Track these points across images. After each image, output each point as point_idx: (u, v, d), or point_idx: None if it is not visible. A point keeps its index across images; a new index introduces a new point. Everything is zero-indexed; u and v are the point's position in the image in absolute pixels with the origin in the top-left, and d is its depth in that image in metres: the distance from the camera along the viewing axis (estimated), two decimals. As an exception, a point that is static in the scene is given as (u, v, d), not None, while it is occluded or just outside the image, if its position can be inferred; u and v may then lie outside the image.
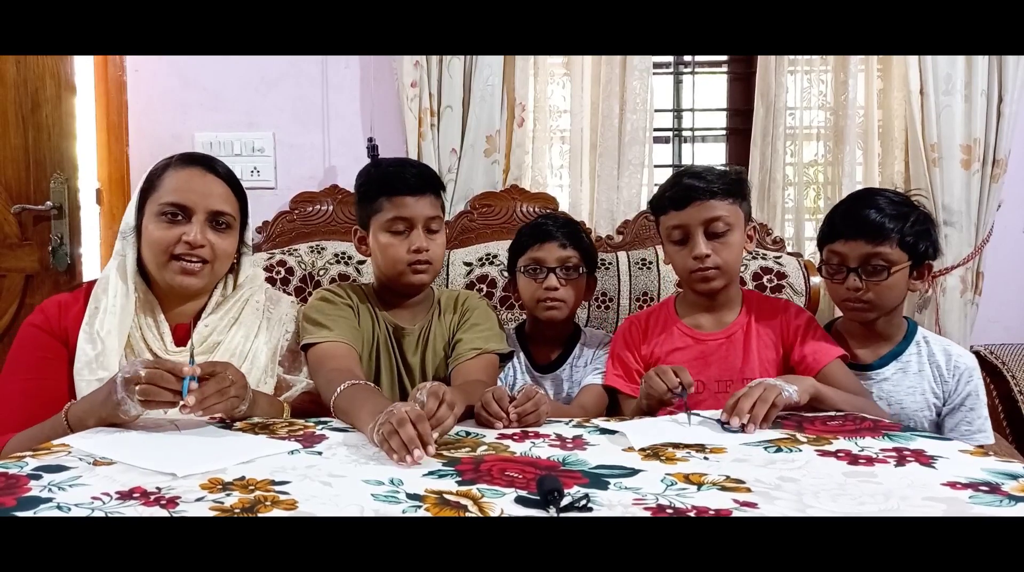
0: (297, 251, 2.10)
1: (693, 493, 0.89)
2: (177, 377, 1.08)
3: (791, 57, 2.30)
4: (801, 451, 1.07)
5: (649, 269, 2.05)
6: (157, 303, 1.35)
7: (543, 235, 1.63)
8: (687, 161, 2.54)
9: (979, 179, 2.24)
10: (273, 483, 0.90)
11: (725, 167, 2.36)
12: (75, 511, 0.80)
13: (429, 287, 1.63)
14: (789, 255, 2.12)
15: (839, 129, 2.32)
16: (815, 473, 0.97)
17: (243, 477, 0.92)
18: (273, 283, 1.98)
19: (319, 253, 2.09)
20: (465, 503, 0.85)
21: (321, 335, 1.43)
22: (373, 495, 0.87)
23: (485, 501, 0.85)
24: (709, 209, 1.47)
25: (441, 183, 1.57)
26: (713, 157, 2.60)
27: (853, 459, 1.03)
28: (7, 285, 2.26)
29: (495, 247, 2.10)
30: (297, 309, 1.53)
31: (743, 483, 0.92)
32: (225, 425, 1.18)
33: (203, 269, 1.32)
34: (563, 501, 0.82)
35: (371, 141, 2.27)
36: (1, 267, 2.26)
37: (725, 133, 2.55)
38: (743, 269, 1.99)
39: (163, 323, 1.34)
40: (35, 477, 0.90)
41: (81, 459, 0.98)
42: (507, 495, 0.87)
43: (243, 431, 1.15)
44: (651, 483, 0.93)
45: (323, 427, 1.20)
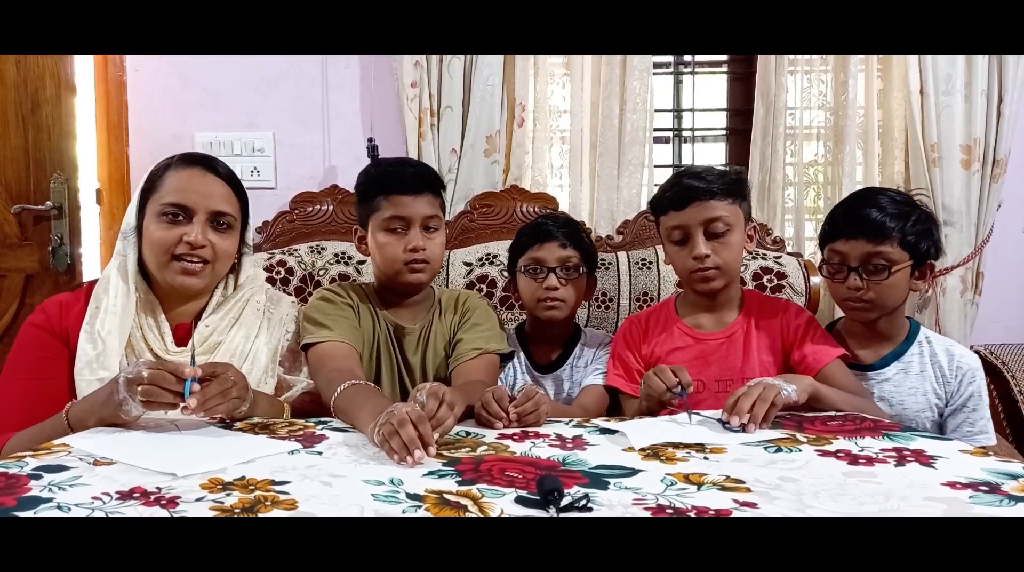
0: (297, 251, 2.11)
1: (693, 493, 0.89)
2: (178, 378, 1.09)
3: (791, 57, 2.30)
4: (801, 451, 1.07)
5: (649, 269, 2.06)
6: (158, 303, 1.35)
7: (543, 235, 1.63)
8: (687, 161, 2.54)
9: (979, 179, 2.24)
10: (273, 483, 0.90)
11: (725, 167, 2.36)
12: (75, 511, 0.80)
13: (430, 287, 1.63)
14: (789, 255, 2.12)
15: (839, 129, 2.32)
16: (815, 473, 0.97)
17: (243, 477, 0.92)
18: (273, 283, 1.98)
19: (319, 253, 2.10)
20: (465, 503, 0.85)
21: (321, 335, 1.43)
22: (373, 495, 0.87)
23: (485, 501, 0.85)
24: (709, 209, 1.47)
25: (441, 182, 1.56)
26: (713, 157, 2.60)
27: (853, 459, 1.03)
28: (7, 285, 2.26)
29: (495, 247, 2.10)
30: (298, 309, 1.53)
31: (743, 483, 0.92)
32: (225, 425, 1.18)
33: (204, 269, 1.32)
34: (563, 501, 0.82)
35: (371, 141, 2.27)
36: (1, 267, 2.26)
37: (725, 133, 2.55)
38: (743, 269, 1.99)
39: (164, 323, 1.34)
40: (35, 477, 0.90)
41: (81, 459, 0.98)
42: (507, 495, 0.87)
43: (243, 431, 1.16)
44: (651, 483, 0.93)
45: (323, 427, 1.20)
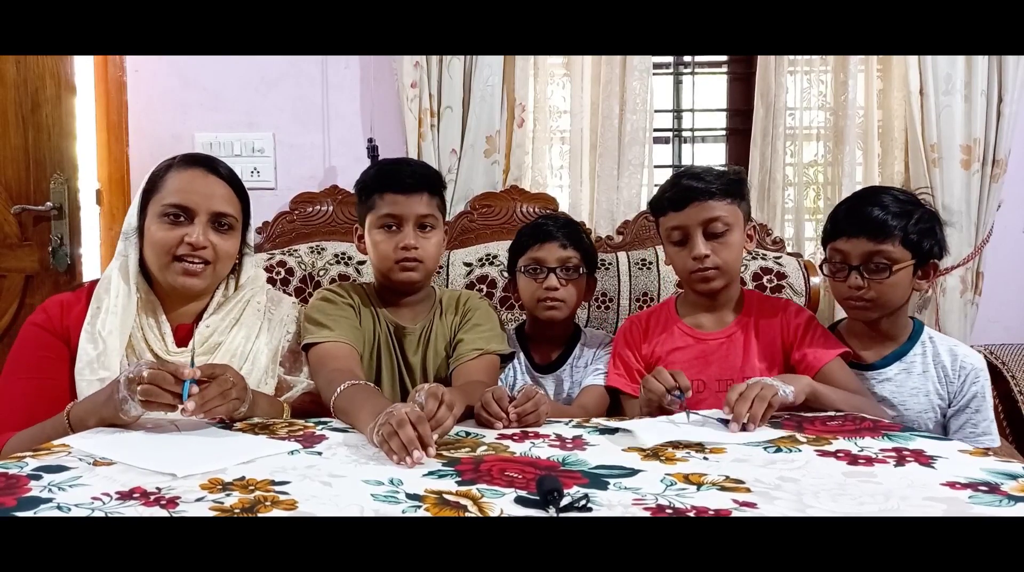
0: (297, 251, 2.11)
1: (693, 493, 0.89)
2: (177, 379, 1.09)
3: (791, 57, 2.30)
4: (801, 451, 1.07)
5: (649, 269, 2.05)
6: (159, 303, 1.35)
7: (543, 235, 1.63)
8: (687, 161, 2.54)
9: (979, 179, 2.24)
10: (273, 483, 0.90)
11: (724, 167, 2.36)
12: (75, 511, 0.80)
13: (431, 287, 1.63)
14: (789, 255, 2.12)
15: (839, 129, 2.32)
16: (815, 473, 0.97)
17: (243, 477, 0.92)
18: (273, 283, 1.98)
19: (319, 253, 2.10)
20: (465, 503, 0.85)
21: (322, 335, 1.43)
22: (373, 495, 0.87)
23: (485, 501, 0.85)
24: (708, 209, 1.47)
25: (440, 182, 1.56)
26: (713, 157, 2.60)
27: (853, 459, 1.03)
28: (7, 285, 2.26)
29: (495, 247, 2.10)
30: (298, 310, 1.53)
31: (743, 483, 0.92)
32: (225, 425, 1.18)
33: (205, 270, 1.32)
34: (563, 501, 0.82)
35: (371, 141, 2.27)
36: (1, 267, 2.26)
37: (725, 133, 2.55)
38: (743, 269, 1.99)
39: (164, 323, 1.34)
40: (35, 477, 0.90)
41: (81, 459, 0.98)
42: (507, 495, 0.87)
43: (243, 431, 1.16)
44: (651, 483, 0.93)
45: (323, 427, 1.20)
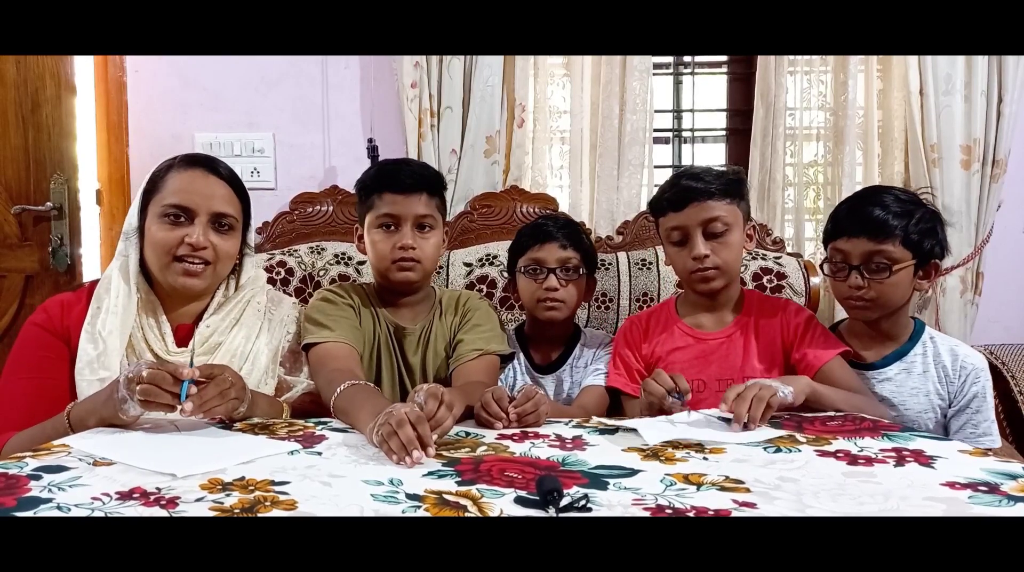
0: (297, 252, 2.11)
1: (692, 493, 0.89)
2: (176, 379, 1.09)
3: (791, 57, 2.30)
4: (800, 451, 1.07)
5: (649, 269, 2.06)
6: (159, 304, 1.35)
7: (543, 236, 1.63)
8: (687, 162, 2.54)
9: (979, 179, 2.24)
10: (273, 483, 0.90)
11: (723, 167, 2.36)
12: (75, 511, 0.80)
13: (431, 287, 1.63)
14: (789, 255, 2.12)
15: (839, 129, 2.32)
16: (815, 473, 0.97)
17: (243, 477, 0.92)
18: (273, 284, 1.98)
19: (319, 254, 2.10)
20: (464, 503, 0.85)
21: (322, 335, 1.43)
22: (373, 495, 0.87)
23: (484, 501, 0.85)
24: (707, 210, 1.47)
25: (440, 182, 1.56)
26: (713, 158, 2.60)
27: (852, 459, 1.03)
28: (7, 285, 2.26)
29: (495, 248, 2.10)
30: (298, 310, 1.53)
31: (742, 483, 0.92)
32: (225, 425, 1.18)
33: (205, 270, 1.32)
34: (562, 501, 0.82)
35: (371, 142, 2.27)
36: (1, 267, 2.26)
37: (725, 134, 2.55)
38: (743, 269, 1.99)
39: (165, 324, 1.34)
40: (35, 477, 0.90)
41: (81, 459, 0.98)
42: (506, 495, 0.87)
43: (243, 431, 1.16)
44: (650, 483, 0.93)
45: (323, 427, 1.20)
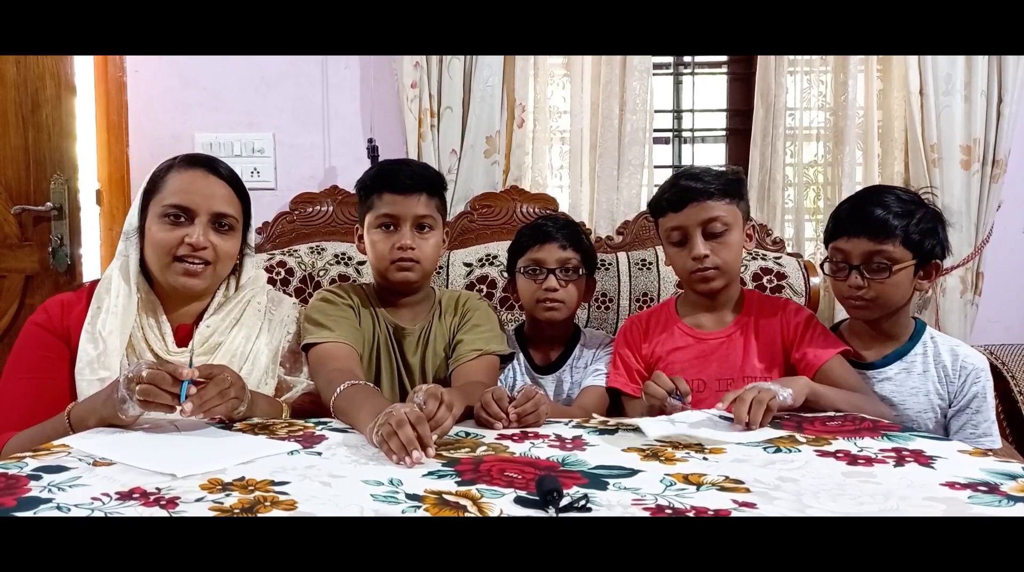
0: (297, 252, 2.11)
1: (692, 493, 0.89)
2: (175, 379, 1.09)
3: (791, 57, 2.30)
4: (800, 451, 1.07)
5: (649, 270, 2.06)
6: (159, 304, 1.35)
7: (543, 236, 1.62)
8: (687, 162, 2.54)
9: (979, 179, 2.24)
10: (273, 483, 0.90)
11: (722, 167, 2.36)
12: (75, 511, 0.80)
13: (430, 287, 1.63)
14: (789, 255, 2.12)
15: (839, 130, 2.32)
16: (814, 473, 0.97)
17: (243, 477, 0.92)
18: (273, 284, 1.98)
19: (319, 254, 2.09)
20: (464, 503, 0.85)
21: (322, 335, 1.43)
22: (372, 495, 0.87)
23: (484, 501, 0.85)
24: (706, 210, 1.47)
25: (439, 183, 1.56)
26: (713, 158, 2.60)
27: (852, 459, 1.03)
28: (7, 285, 2.26)
29: (495, 248, 2.10)
30: (299, 310, 1.53)
31: (742, 483, 0.92)
32: (225, 426, 1.18)
33: (205, 270, 1.32)
34: (562, 501, 0.82)
35: (371, 142, 2.27)
36: (1, 267, 2.26)
37: (725, 134, 2.55)
38: (743, 269, 1.99)
39: (165, 324, 1.34)
40: (35, 477, 0.90)
41: (81, 459, 0.98)
42: (506, 495, 0.87)
43: (243, 431, 1.16)
44: (650, 483, 0.93)
45: (323, 427, 1.20)
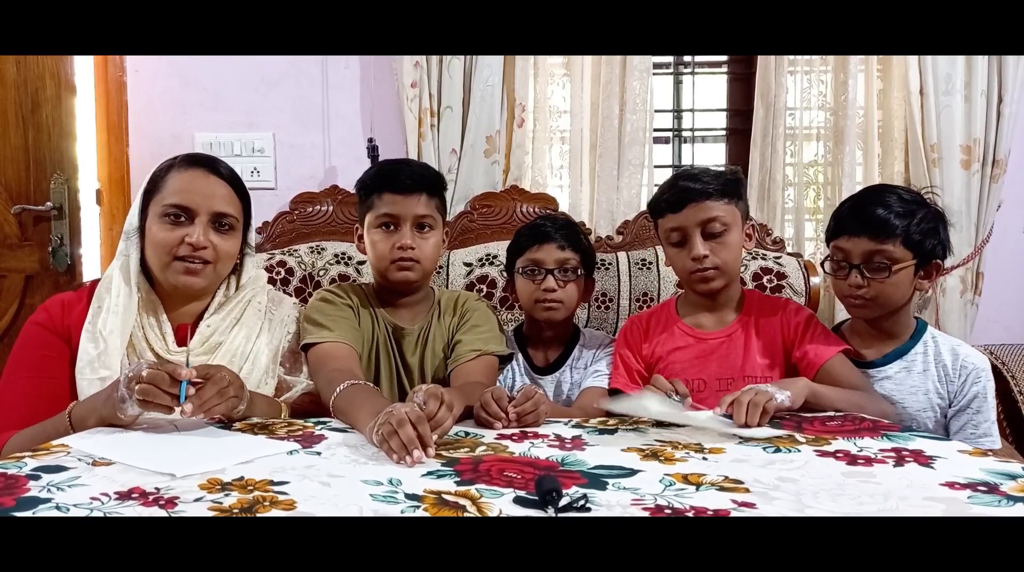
0: (297, 252, 2.11)
1: (692, 493, 0.89)
2: (174, 379, 1.09)
3: (791, 57, 2.30)
4: (800, 451, 1.07)
5: (649, 269, 2.05)
6: (160, 303, 1.35)
7: (542, 236, 1.62)
8: (687, 161, 2.54)
9: (979, 179, 2.24)
10: (272, 483, 0.90)
11: (721, 167, 2.36)
12: (74, 511, 0.80)
13: (429, 288, 1.63)
14: (789, 255, 2.12)
15: (839, 129, 2.32)
16: (814, 473, 0.97)
17: (242, 477, 0.92)
18: (273, 284, 1.98)
19: (319, 253, 2.10)
20: (464, 503, 0.85)
21: (321, 335, 1.43)
22: (372, 495, 0.87)
23: (484, 501, 0.85)
24: (705, 210, 1.47)
25: (439, 183, 1.56)
26: (713, 157, 2.60)
27: (852, 459, 1.03)
28: (7, 285, 2.26)
29: (495, 247, 2.10)
30: (299, 310, 1.53)
31: (742, 483, 0.92)
32: (224, 425, 1.18)
33: (206, 270, 1.32)
34: (561, 501, 0.82)
35: (371, 142, 2.27)
36: (1, 267, 2.26)
37: (725, 133, 2.55)
38: (743, 269, 1.99)
39: (165, 323, 1.34)
40: (34, 477, 0.90)
41: (80, 459, 0.98)
42: (506, 495, 0.87)
43: (242, 431, 1.16)
44: (650, 483, 0.93)
45: (322, 427, 1.20)
